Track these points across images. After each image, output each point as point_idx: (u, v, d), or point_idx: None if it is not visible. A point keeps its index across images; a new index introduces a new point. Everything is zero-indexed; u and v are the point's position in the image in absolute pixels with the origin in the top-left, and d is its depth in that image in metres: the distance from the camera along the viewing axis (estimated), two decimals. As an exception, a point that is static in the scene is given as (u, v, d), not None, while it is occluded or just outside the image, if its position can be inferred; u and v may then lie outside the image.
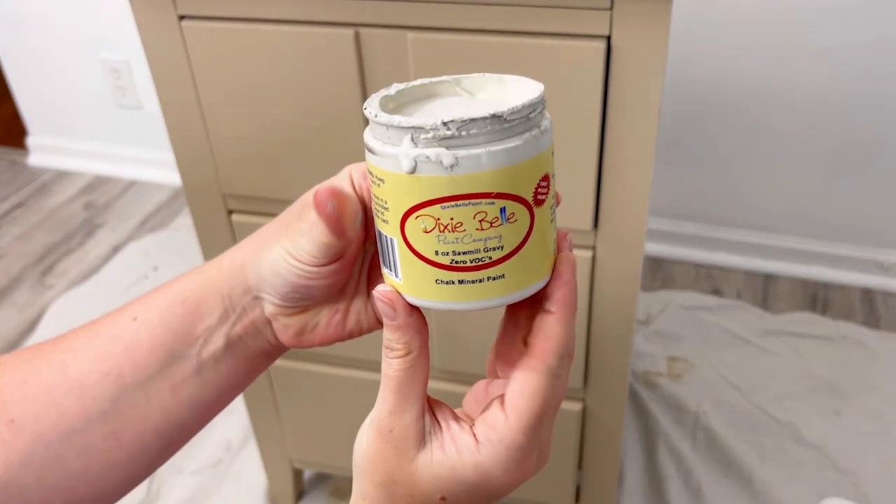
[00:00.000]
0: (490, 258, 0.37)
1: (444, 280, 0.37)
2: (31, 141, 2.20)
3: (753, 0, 1.40)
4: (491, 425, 0.40)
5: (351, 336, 0.49)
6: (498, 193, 0.35)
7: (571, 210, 0.78)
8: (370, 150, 0.38)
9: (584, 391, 0.94)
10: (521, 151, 0.35)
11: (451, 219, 0.35)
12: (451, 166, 0.35)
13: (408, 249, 0.37)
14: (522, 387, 0.40)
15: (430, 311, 0.46)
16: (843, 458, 1.27)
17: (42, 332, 1.60)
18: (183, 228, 1.90)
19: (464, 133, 0.34)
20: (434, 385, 0.99)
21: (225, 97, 0.81)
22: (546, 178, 0.37)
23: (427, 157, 0.35)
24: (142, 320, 0.45)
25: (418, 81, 0.41)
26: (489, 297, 0.38)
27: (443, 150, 0.34)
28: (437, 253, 0.36)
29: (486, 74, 0.40)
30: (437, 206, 0.35)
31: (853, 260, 1.62)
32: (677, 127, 1.57)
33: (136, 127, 2.05)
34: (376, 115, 0.37)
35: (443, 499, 0.41)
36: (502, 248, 0.36)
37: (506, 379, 0.43)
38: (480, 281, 0.37)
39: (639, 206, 0.78)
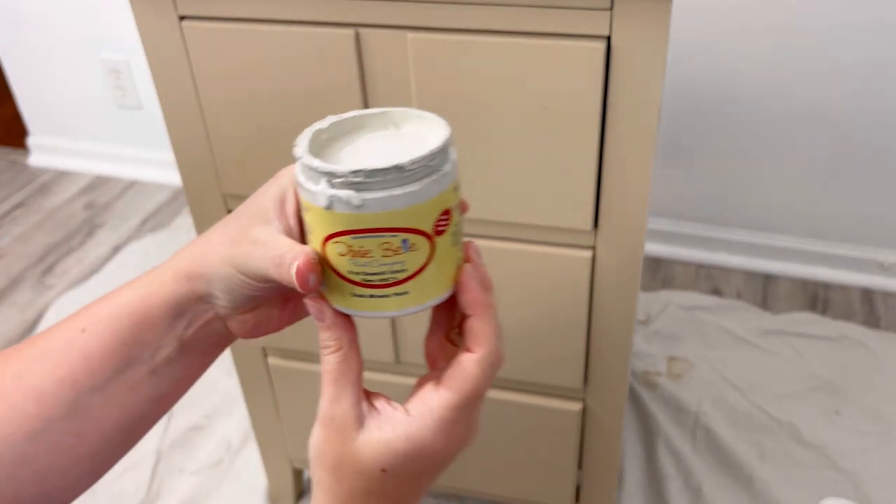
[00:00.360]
0: (396, 278, 0.44)
1: (358, 294, 0.45)
2: (31, 141, 2.20)
3: (753, 1, 1.40)
4: (423, 400, 0.46)
5: (304, 316, 0.52)
6: (400, 228, 0.42)
7: (571, 210, 0.79)
8: (299, 183, 0.44)
9: (585, 391, 0.95)
10: (421, 194, 0.42)
11: (361, 247, 0.42)
12: (359, 206, 0.41)
13: (329, 267, 0.44)
14: (454, 371, 0.46)
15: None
16: (843, 458, 1.27)
17: (42, 332, 1.60)
18: (183, 228, 1.90)
19: (369, 180, 0.40)
20: (434, 385, 0.99)
21: (225, 97, 0.81)
22: (446, 212, 0.44)
23: (339, 198, 0.41)
24: (91, 332, 0.47)
25: (351, 114, 0.47)
26: (396, 309, 0.45)
27: (352, 193, 0.41)
28: (350, 272, 0.44)
29: (411, 109, 0.47)
30: (349, 237, 0.42)
31: (853, 260, 1.62)
32: (677, 127, 1.58)
33: (137, 127, 2.05)
34: (301, 157, 0.43)
35: (383, 471, 0.45)
36: (405, 270, 0.44)
37: (437, 370, 0.49)
38: (388, 296, 0.44)
39: (639, 207, 0.78)
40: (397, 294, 0.44)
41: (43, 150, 2.20)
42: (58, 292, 1.72)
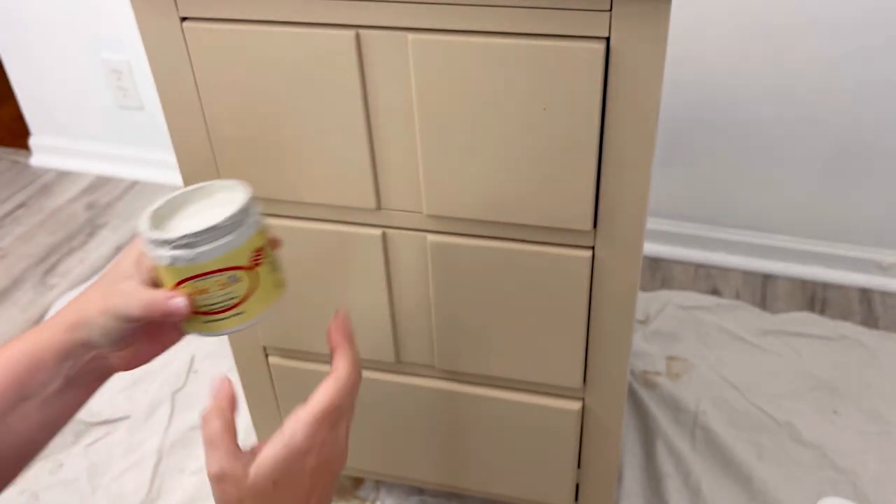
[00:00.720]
0: (231, 303, 0.59)
1: (206, 321, 0.60)
2: (33, 141, 2.21)
3: (752, 1, 1.40)
4: (293, 414, 0.58)
5: (171, 346, 0.66)
6: (226, 268, 0.57)
7: (571, 210, 0.79)
8: (147, 250, 0.58)
9: (584, 391, 0.95)
10: (235, 242, 0.57)
11: (202, 287, 0.58)
12: (193, 259, 0.56)
13: None
14: (316, 390, 0.59)
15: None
16: (842, 457, 1.28)
17: (44, 332, 1.60)
18: (184, 228, 1.91)
19: (197, 239, 0.55)
20: (434, 385, 1.00)
21: (226, 98, 0.81)
22: (258, 250, 0.60)
23: (178, 256, 0.56)
24: None
25: (178, 192, 0.61)
26: (237, 325, 0.60)
27: (187, 251, 0.56)
28: (198, 306, 0.59)
29: (221, 181, 0.62)
30: (191, 282, 0.57)
31: (851, 260, 1.62)
32: (676, 128, 1.58)
33: (138, 127, 2.06)
34: (145, 232, 0.57)
35: (275, 483, 0.55)
36: (237, 297, 0.59)
37: None
38: (228, 318, 0.60)
39: (638, 207, 0.78)
40: (235, 315, 0.60)
41: (45, 151, 2.20)
42: (60, 292, 1.72)
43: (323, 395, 0.59)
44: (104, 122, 2.08)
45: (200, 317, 0.59)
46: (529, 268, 0.85)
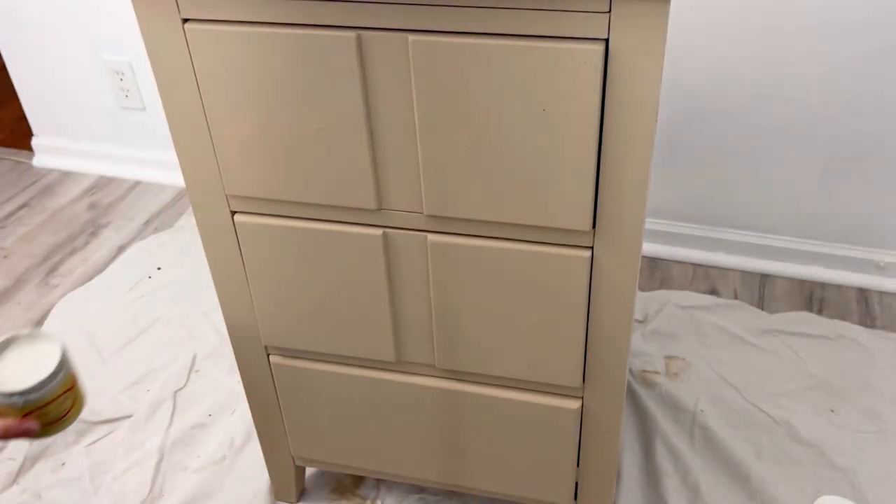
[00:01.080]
0: (63, 412, 0.77)
1: (49, 430, 0.77)
2: (35, 142, 2.21)
3: (751, 2, 1.41)
4: None
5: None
6: (62, 393, 0.76)
7: (570, 211, 0.80)
8: None
9: (583, 390, 0.95)
10: (65, 374, 0.76)
11: (45, 411, 0.75)
12: (41, 395, 0.74)
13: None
14: None
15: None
16: (840, 456, 1.28)
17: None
18: (186, 229, 1.91)
19: (43, 384, 0.74)
20: (434, 384, 1.01)
21: (227, 99, 0.82)
22: (73, 373, 0.78)
23: (28, 399, 0.73)
24: None
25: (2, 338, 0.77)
26: (69, 424, 0.78)
27: (34, 394, 0.73)
28: (42, 424, 0.76)
29: (25, 332, 0.77)
30: (37, 411, 0.75)
31: (849, 260, 1.63)
32: (675, 128, 1.59)
33: (140, 128, 2.06)
34: None
35: None
36: (67, 407, 0.77)
37: None
38: (64, 423, 0.78)
39: (637, 207, 0.79)
40: (67, 419, 0.77)
41: (47, 151, 2.21)
42: (62, 292, 1.73)
43: None
44: (106, 122, 2.09)
45: (42, 428, 0.77)
46: (529, 268, 0.86)
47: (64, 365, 0.76)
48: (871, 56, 1.41)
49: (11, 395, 0.73)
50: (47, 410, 0.75)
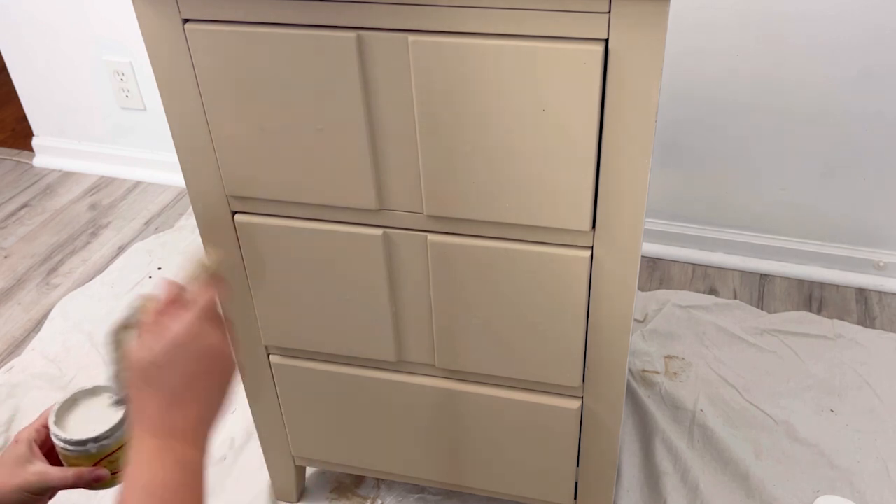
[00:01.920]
0: (121, 467, 0.73)
1: (114, 480, 0.80)
2: (36, 142, 2.22)
3: (750, 3, 1.41)
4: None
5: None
6: (120, 446, 0.79)
7: (570, 211, 0.80)
8: (63, 446, 0.78)
9: (583, 389, 0.96)
10: (119, 434, 0.78)
11: (111, 459, 0.78)
12: (104, 445, 0.78)
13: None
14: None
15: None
16: (839, 455, 1.28)
17: (47, 332, 1.61)
18: (186, 229, 1.92)
19: (111, 432, 0.78)
20: (434, 383, 1.01)
21: (228, 99, 0.82)
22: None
23: (102, 445, 0.77)
24: None
25: (64, 399, 0.81)
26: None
27: (106, 441, 0.78)
28: (109, 470, 0.79)
29: (99, 386, 0.82)
30: (106, 459, 0.78)
31: (848, 260, 1.63)
32: (674, 129, 1.59)
33: (140, 128, 2.06)
34: (67, 436, 0.77)
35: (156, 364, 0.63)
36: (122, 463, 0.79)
37: None
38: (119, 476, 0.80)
39: (636, 207, 0.79)
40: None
41: (48, 152, 2.21)
42: (63, 292, 1.73)
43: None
44: (107, 123, 2.09)
45: (110, 477, 0.80)
46: (529, 268, 0.86)
47: (124, 414, 0.78)
48: (872, 56, 1.41)
49: (86, 441, 0.76)
50: (116, 457, 0.78)
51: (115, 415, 0.78)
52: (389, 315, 0.94)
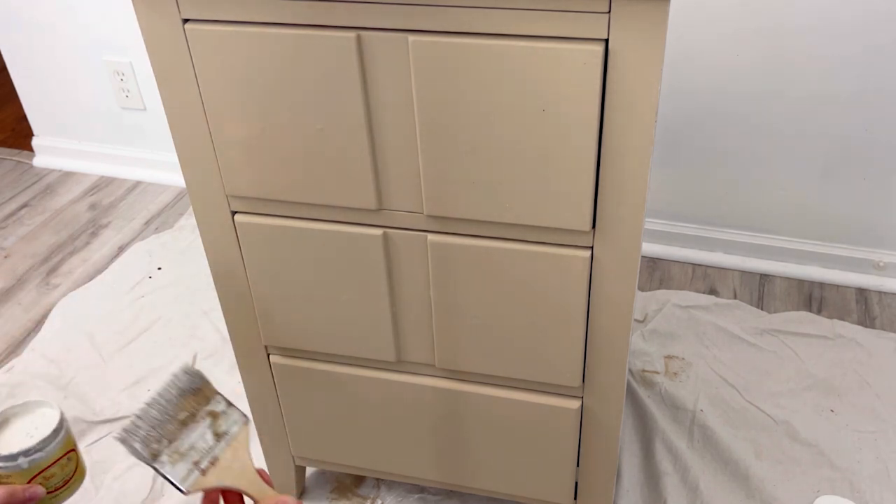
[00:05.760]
0: (67, 478, 0.77)
1: (53, 496, 0.77)
2: (36, 142, 2.22)
3: (750, 3, 1.41)
4: None
5: None
6: (63, 455, 0.77)
7: (570, 211, 0.80)
8: None
9: (583, 389, 0.96)
10: (64, 437, 0.76)
11: (47, 474, 0.75)
12: (44, 457, 0.75)
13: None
14: None
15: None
16: (838, 455, 1.28)
17: (47, 332, 1.61)
18: (187, 229, 1.92)
19: (43, 444, 0.74)
20: (434, 383, 1.01)
21: (228, 99, 0.82)
22: (72, 438, 0.78)
23: (32, 459, 0.74)
24: None
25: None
26: (74, 491, 0.79)
27: (38, 454, 0.74)
28: (47, 487, 0.76)
29: (31, 403, 0.79)
30: (40, 475, 0.75)
31: (848, 260, 1.63)
32: (674, 129, 1.59)
33: (141, 128, 2.07)
34: None
35: None
36: (71, 471, 0.78)
37: None
38: (68, 488, 0.78)
39: (636, 207, 0.79)
40: (69, 486, 0.78)
41: (48, 152, 2.21)
42: (62, 292, 1.73)
43: None
44: (107, 123, 2.09)
45: (48, 497, 0.77)
46: (529, 268, 0.86)
47: (63, 424, 0.77)
48: (872, 56, 1.41)
49: (16, 455, 0.73)
50: (52, 473, 0.76)
51: (48, 426, 0.76)
52: (389, 315, 0.94)
